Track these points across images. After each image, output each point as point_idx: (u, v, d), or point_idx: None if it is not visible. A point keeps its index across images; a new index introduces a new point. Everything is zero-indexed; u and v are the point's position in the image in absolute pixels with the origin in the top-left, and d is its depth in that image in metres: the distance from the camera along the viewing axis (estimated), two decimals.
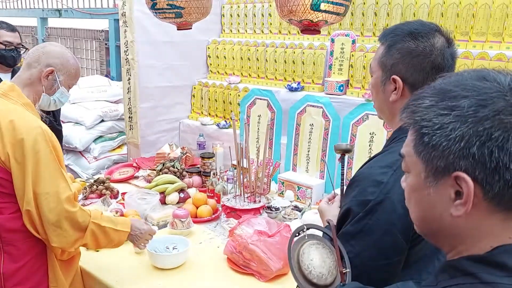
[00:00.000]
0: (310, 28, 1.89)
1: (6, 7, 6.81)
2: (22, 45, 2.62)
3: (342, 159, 1.27)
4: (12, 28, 2.57)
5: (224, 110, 3.20)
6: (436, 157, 0.63)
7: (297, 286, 0.96)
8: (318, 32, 1.95)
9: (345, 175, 1.23)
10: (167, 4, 2.10)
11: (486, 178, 0.59)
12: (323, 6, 1.75)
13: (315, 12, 1.77)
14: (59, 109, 2.67)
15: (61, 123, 2.81)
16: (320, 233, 1.08)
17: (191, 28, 2.30)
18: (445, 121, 0.61)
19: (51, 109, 1.70)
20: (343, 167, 1.24)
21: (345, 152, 1.27)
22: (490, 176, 0.59)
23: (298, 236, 1.02)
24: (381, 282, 0.88)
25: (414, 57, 1.02)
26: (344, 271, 0.95)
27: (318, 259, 0.95)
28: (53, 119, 2.48)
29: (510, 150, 0.58)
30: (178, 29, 2.30)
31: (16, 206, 1.48)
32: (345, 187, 1.12)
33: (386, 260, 0.96)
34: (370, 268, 0.97)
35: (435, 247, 0.71)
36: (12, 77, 2.62)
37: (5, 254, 1.49)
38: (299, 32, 2.95)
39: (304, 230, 1.02)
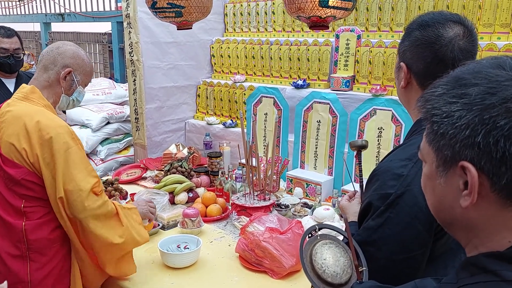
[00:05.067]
0: (319, 24, 1.89)
1: (9, 13, 6.84)
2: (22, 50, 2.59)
3: (358, 156, 1.26)
4: (8, 34, 2.52)
5: (230, 109, 3.20)
6: (445, 146, 0.61)
7: (312, 286, 0.95)
8: (327, 27, 1.94)
9: (363, 171, 1.22)
10: (167, 3, 2.09)
11: (492, 169, 0.57)
12: (331, 2, 1.76)
13: (324, 8, 1.77)
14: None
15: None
16: (332, 232, 1.07)
17: (191, 28, 2.29)
18: (452, 109, 0.59)
19: (69, 109, 1.72)
20: (360, 164, 1.23)
21: (361, 148, 1.26)
22: (496, 166, 0.56)
23: (310, 236, 1.01)
24: (405, 276, 0.87)
25: (418, 46, 1.03)
26: (360, 269, 0.94)
27: (332, 258, 0.94)
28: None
29: None
30: (178, 29, 2.28)
31: (44, 210, 1.47)
32: (364, 183, 1.11)
33: (409, 254, 0.94)
34: (393, 262, 0.95)
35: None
36: (16, 81, 2.62)
37: (31, 261, 1.47)
38: (303, 29, 2.98)
39: (316, 230, 1.01)
